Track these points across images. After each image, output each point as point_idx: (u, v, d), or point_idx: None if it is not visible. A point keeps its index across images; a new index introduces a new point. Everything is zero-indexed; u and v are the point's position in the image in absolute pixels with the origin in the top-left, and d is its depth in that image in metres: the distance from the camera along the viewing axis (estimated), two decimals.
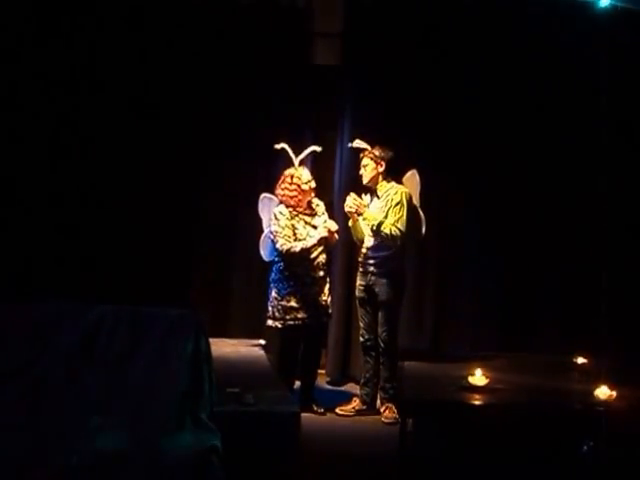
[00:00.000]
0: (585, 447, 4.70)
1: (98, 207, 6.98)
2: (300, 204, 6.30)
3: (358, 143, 6.37)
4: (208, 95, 7.12)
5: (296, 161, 6.40)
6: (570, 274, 7.12)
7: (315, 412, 6.27)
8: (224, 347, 6.16)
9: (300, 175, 6.29)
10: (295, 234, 6.23)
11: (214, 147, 7.21)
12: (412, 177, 6.42)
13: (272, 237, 6.26)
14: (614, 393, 5.10)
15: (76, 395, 4.14)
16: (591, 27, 6.83)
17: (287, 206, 6.28)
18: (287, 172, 6.34)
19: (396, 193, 6.25)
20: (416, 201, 6.36)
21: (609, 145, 6.89)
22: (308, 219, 6.33)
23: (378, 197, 6.31)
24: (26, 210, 6.84)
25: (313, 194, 6.37)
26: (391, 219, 6.17)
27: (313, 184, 6.34)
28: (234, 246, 7.36)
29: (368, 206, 6.28)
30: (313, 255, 6.23)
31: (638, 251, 7.03)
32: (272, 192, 6.51)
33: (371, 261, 6.30)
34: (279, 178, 6.39)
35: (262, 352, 6.23)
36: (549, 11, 6.96)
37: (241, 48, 7.15)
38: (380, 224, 6.14)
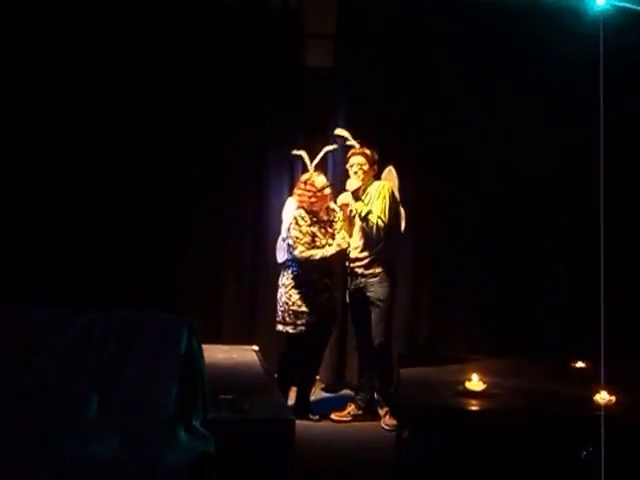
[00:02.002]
0: (584, 452, 4.66)
1: (91, 213, 6.93)
2: (318, 209, 6.26)
3: (348, 139, 6.36)
4: (199, 97, 7.08)
5: (311, 166, 6.36)
6: (568, 277, 7.11)
7: (310, 419, 6.22)
8: (217, 353, 6.11)
9: (314, 181, 6.24)
10: (314, 241, 6.20)
11: (205, 150, 7.17)
12: (389, 174, 6.41)
13: (291, 242, 6.19)
14: (613, 398, 5.07)
15: (67, 402, 4.12)
16: (587, 27, 6.81)
17: (308, 212, 6.25)
18: (303, 177, 6.33)
19: (379, 186, 6.23)
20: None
21: (607, 146, 6.87)
22: (328, 227, 6.30)
23: (360, 198, 6.26)
24: (16, 215, 6.81)
25: (330, 199, 6.33)
26: (376, 210, 6.13)
27: (328, 190, 6.28)
28: (226, 250, 7.31)
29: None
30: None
31: (637, 254, 7.01)
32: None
33: (359, 262, 6.25)
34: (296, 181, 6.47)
35: (256, 358, 6.18)
36: (543, 11, 6.93)
37: (233, 49, 7.12)
38: (368, 213, 6.11)
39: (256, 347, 6.52)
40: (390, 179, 6.38)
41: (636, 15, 6.13)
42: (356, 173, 6.26)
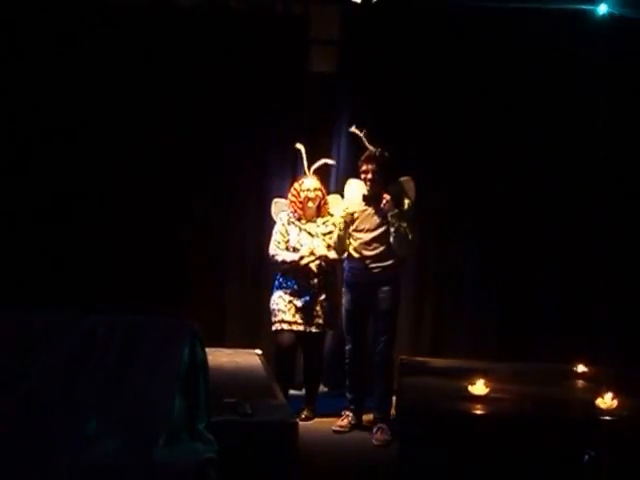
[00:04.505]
0: (586, 457, 4.66)
1: (92, 214, 6.95)
2: (300, 211, 6.32)
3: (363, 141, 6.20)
4: (203, 100, 7.09)
5: (308, 170, 6.44)
6: (570, 282, 7.10)
7: (300, 417, 6.11)
8: (220, 357, 6.12)
9: (302, 183, 6.35)
10: (287, 240, 6.29)
11: (208, 154, 7.17)
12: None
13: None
14: (615, 402, 5.08)
15: (70, 407, 4.10)
16: (589, 34, 6.86)
17: (293, 213, 6.36)
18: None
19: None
20: None
21: (607, 153, 6.92)
22: (304, 226, 6.32)
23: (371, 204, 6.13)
24: (18, 218, 6.82)
25: (325, 203, 6.38)
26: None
27: (312, 194, 6.31)
28: (229, 252, 7.31)
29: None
30: (302, 263, 6.21)
31: (637, 259, 7.01)
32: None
33: (375, 270, 6.07)
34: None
35: (259, 362, 6.20)
36: (547, 19, 6.96)
37: (237, 55, 7.13)
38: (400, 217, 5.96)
39: (259, 351, 6.54)
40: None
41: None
42: (370, 180, 6.04)
